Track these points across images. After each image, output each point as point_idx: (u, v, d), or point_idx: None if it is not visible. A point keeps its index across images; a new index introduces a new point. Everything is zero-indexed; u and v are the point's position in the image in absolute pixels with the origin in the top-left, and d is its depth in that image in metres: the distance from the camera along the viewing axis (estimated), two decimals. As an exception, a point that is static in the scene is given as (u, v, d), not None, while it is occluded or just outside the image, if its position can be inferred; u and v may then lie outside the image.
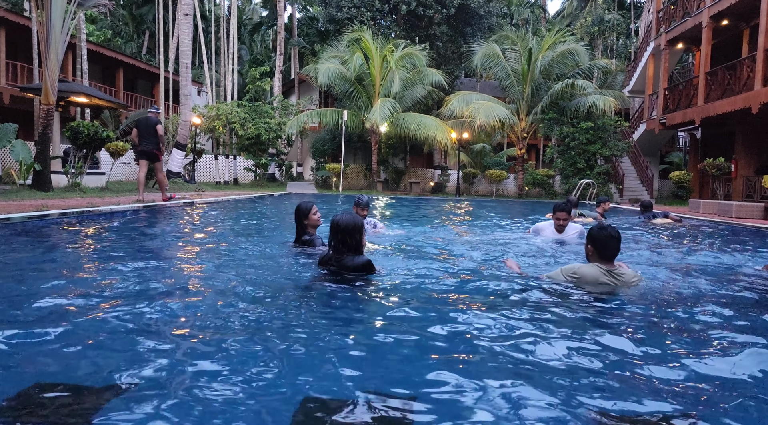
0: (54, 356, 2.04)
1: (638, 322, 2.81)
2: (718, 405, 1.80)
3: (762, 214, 12.61)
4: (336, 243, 3.55)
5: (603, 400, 1.77)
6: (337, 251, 3.54)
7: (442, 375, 1.94)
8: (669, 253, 5.76)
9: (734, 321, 2.86)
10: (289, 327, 2.51)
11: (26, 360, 2.01)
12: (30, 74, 19.68)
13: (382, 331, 2.51)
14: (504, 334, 2.47)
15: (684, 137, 25.33)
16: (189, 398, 1.69)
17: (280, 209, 11.42)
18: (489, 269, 4.22)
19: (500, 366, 2.07)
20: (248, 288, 3.30)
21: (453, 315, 2.78)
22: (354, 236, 3.53)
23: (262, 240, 5.78)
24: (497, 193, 24.53)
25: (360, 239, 3.58)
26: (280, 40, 28.97)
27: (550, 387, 1.83)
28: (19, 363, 1.98)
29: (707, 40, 17.69)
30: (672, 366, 2.12)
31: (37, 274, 3.55)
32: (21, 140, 13.12)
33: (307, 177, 29.70)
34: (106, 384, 1.79)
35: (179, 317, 2.59)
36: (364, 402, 1.69)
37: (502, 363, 2.09)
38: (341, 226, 3.50)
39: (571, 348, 2.28)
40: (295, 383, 1.84)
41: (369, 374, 1.94)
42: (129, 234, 6.24)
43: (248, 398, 1.71)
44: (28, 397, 1.68)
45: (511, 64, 23.05)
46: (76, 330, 2.33)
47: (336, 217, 3.56)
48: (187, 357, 2.06)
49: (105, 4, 14.21)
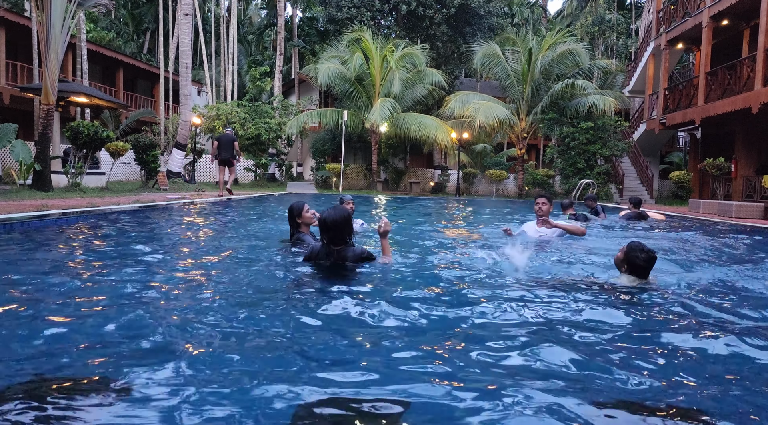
0: (52, 355, 2.05)
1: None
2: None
3: (762, 214, 12.61)
4: (329, 239, 3.66)
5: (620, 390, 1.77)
6: (334, 245, 3.66)
7: (437, 373, 1.94)
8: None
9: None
10: (284, 327, 2.51)
11: (25, 358, 2.01)
12: (30, 74, 19.68)
13: (377, 329, 2.51)
14: (504, 333, 2.47)
15: (684, 137, 25.33)
16: (188, 395, 1.69)
17: (280, 209, 11.42)
18: (474, 265, 4.22)
19: (500, 365, 2.07)
20: (244, 287, 3.30)
21: (450, 311, 2.78)
22: (344, 230, 3.65)
23: (261, 240, 5.79)
24: (497, 193, 24.53)
25: (350, 231, 3.71)
26: (280, 40, 28.97)
27: (552, 387, 1.84)
28: (17, 361, 1.99)
29: (707, 40, 17.68)
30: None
31: (36, 273, 3.56)
32: (21, 140, 13.12)
33: (307, 177, 29.69)
34: (104, 382, 1.79)
35: (178, 317, 2.59)
36: (359, 402, 1.70)
37: (502, 363, 2.09)
38: (329, 222, 3.61)
39: (572, 343, 2.28)
40: (292, 383, 1.85)
41: (364, 373, 1.94)
42: (129, 234, 6.24)
43: (245, 398, 1.71)
44: (26, 396, 1.69)
45: (511, 64, 23.04)
46: (76, 329, 2.33)
47: (323, 215, 3.66)
48: (183, 356, 2.06)
49: (105, 4, 14.21)
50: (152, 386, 1.77)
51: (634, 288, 3.48)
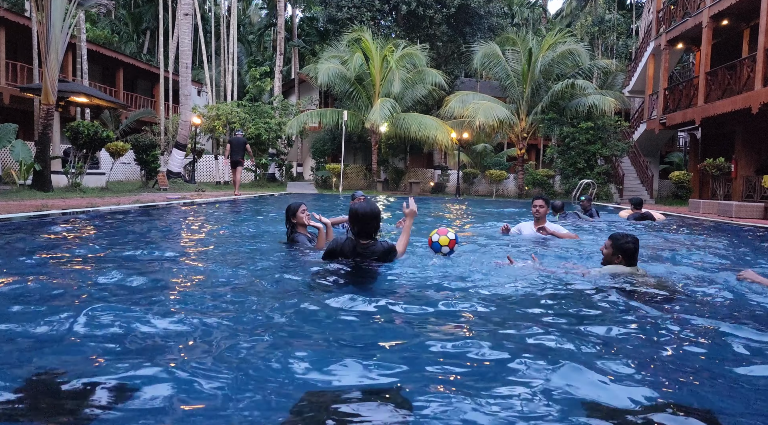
0: (51, 354, 2.05)
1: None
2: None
3: (762, 214, 12.61)
4: (358, 230, 3.70)
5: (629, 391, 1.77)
6: (361, 238, 3.71)
7: (441, 372, 1.94)
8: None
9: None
10: (285, 323, 2.51)
11: (24, 357, 2.01)
12: (30, 74, 19.67)
13: (382, 327, 2.51)
14: (507, 333, 2.47)
15: (684, 137, 25.31)
16: (188, 392, 1.69)
17: (280, 209, 11.41)
18: (485, 266, 4.22)
19: (499, 364, 2.07)
20: (244, 285, 3.30)
21: (451, 310, 2.78)
22: (372, 223, 3.69)
23: (260, 239, 5.79)
24: (497, 193, 24.53)
25: (377, 226, 3.76)
26: (280, 40, 28.96)
27: (553, 386, 1.83)
28: (16, 360, 1.98)
29: (707, 40, 17.68)
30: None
31: (36, 272, 3.55)
32: (21, 140, 13.12)
33: (307, 177, 29.69)
34: (105, 380, 1.79)
35: (178, 316, 2.59)
36: (361, 397, 1.70)
37: (501, 362, 2.09)
38: (360, 214, 3.65)
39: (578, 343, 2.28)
40: (293, 377, 1.85)
41: (366, 370, 1.94)
42: (128, 234, 6.24)
43: (246, 391, 1.71)
44: (25, 394, 1.68)
45: (511, 64, 23.05)
46: (75, 329, 2.33)
47: (354, 205, 3.72)
48: (185, 352, 2.06)
49: (105, 4, 14.21)
50: (151, 385, 1.77)
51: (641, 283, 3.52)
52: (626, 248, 3.64)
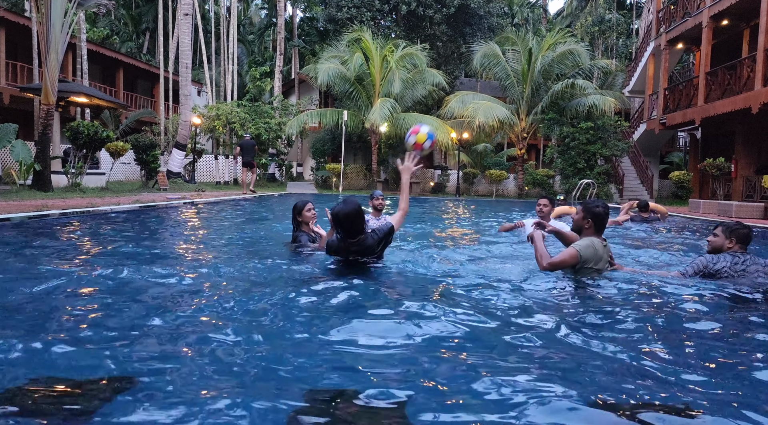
0: (50, 354, 2.05)
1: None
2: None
3: (762, 214, 12.61)
4: (345, 234, 3.63)
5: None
6: (350, 237, 3.63)
7: (438, 370, 1.94)
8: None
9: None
10: (287, 321, 2.51)
11: (23, 357, 2.01)
12: (30, 74, 19.67)
13: (380, 325, 2.51)
14: (507, 332, 2.47)
15: (684, 137, 25.31)
16: (189, 391, 1.69)
17: (280, 209, 11.41)
18: (486, 264, 4.22)
19: (499, 365, 2.07)
20: (244, 284, 3.30)
21: (452, 309, 2.78)
22: (357, 223, 3.60)
23: (259, 239, 5.79)
24: (497, 193, 24.53)
25: (363, 221, 3.66)
26: (280, 40, 28.95)
27: (554, 384, 1.83)
28: (16, 359, 1.98)
29: (707, 40, 17.68)
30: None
31: (35, 272, 3.56)
32: (21, 140, 13.12)
33: (307, 177, 29.69)
34: (107, 380, 1.79)
35: (177, 315, 2.59)
36: (363, 395, 1.70)
37: (502, 363, 2.09)
38: (341, 216, 3.56)
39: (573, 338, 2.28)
40: (295, 375, 1.85)
41: (367, 369, 1.94)
42: (128, 234, 6.24)
43: (248, 389, 1.71)
44: (25, 394, 1.68)
45: (511, 64, 23.04)
46: (76, 329, 2.33)
47: (334, 209, 3.60)
48: (185, 351, 2.06)
49: (105, 4, 14.20)
50: (151, 385, 1.77)
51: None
52: (596, 212, 3.67)
